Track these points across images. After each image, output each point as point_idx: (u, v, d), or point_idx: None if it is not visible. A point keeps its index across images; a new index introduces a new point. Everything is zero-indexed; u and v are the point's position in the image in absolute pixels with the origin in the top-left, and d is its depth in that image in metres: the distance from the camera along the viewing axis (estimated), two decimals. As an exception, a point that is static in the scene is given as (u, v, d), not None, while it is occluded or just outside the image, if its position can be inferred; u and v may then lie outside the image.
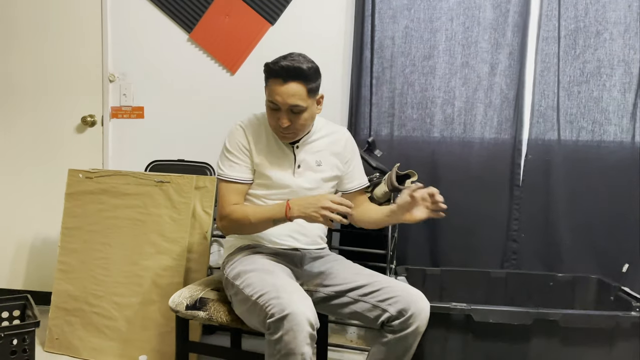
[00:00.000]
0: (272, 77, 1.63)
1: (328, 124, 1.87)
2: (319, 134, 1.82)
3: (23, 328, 2.02)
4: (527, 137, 2.44)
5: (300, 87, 1.61)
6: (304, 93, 1.62)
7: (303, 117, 1.66)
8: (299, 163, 1.76)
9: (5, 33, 2.92)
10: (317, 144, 1.80)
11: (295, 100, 1.61)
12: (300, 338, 1.36)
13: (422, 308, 1.56)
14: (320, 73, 1.68)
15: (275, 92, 1.62)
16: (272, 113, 1.67)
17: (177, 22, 2.76)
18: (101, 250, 2.39)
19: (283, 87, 1.60)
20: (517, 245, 2.46)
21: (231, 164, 1.75)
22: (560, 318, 1.79)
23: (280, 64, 1.59)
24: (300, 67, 1.59)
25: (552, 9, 2.36)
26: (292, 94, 1.60)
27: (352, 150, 1.89)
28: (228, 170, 1.75)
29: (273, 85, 1.62)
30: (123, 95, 2.85)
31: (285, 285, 1.48)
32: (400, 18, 2.48)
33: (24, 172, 2.97)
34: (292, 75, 1.59)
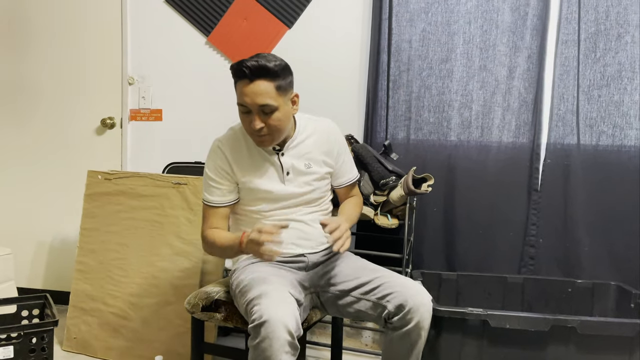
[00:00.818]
0: (239, 79, 1.57)
1: (311, 121, 1.79)
2: (304, 135, 1.75)
3: (42, 327, 2.05)
4: (546, 141, 2.40)
5: (268, 85, 1.54)
6: (272, 91, 1.55)
7: (276, 117, 1.58)
8: (287, 170, 1.71)
9: (27, 36, 2.97)
10: (303, 146, 1.74)
11: (264, 100, 1.55)
12: (277, 346, 1.34)
13: (420, 302, 1.54)
14: (290, 70, 1.61)
15: (243, 94, 1.56)
16: (244, 117, 1.61)
17: (196, 25, 2.78)
18: (119, 251, 2.41)
19: (250, 87, 1.54)
20: (534, 250, 2.43)
21: (211, 189, 1.72)
22: (578, 325, 1.76)
23: (245, 63, 1.53)
24: (265, 65, 1.52)
25: (572, 12, 2.33)
26: (260, 93, 1.54)
27: (339, 142, 1.82)
28: (208, 194, 1.72)
29: (240, 86, 1.57)
30: (142, 98, 2.88)
31: (269, 292, 1.46)
32: (417, 21, 2.47)
33: (44, 173, 3.01)
34: (258, 73, 1.53)
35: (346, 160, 1.86)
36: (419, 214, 2.50)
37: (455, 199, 2.48)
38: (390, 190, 2.24)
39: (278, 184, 1.71)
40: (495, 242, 2.45)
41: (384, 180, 2.27)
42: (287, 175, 1.71)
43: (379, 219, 2.25)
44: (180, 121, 2.85)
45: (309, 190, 1.74)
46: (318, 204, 1.80)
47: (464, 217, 2.48)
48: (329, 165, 1.79)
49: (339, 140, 1.83)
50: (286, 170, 1.71)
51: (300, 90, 2.84)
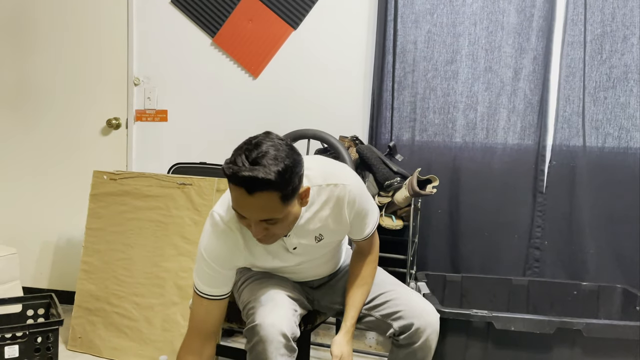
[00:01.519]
0: (233, 185, 1.21)
1: (323, 189, 1.39)
2: (312, 210, 1.40)
3: (47, 326, 2.05)
4: (552, 143, 2.40)
5: (271, 198, 1.20)
6: (277, 203, 1.22)
7: (282, 226, 1.29)
8: (294, 246, 1.45)
9: (33, 37, 2.99)
10: (311, 223, 1.42)
11: (267, 215, 1.24)
12: (271, 349, 1.32)
13: (427, 322, 1.46)
14: (299, 167, 1.24)
15: (239, 204, 1.24)
16: (241, 220, 1.29)
17: (201, 26, 2.79)
18: (123, 251, 2.42)
19: (248, 200, 1.20)
20: (539, 252, 2.42)
21: (208, 279, 1.41)
22: (583, 327, 1.76)
23: (240, 173, 1.17)
24: (265, 178, 1.16)
25: (577, 14, 2.33)
26: (261, 208, 1.22)
27: (358, 212, 1.45)
28: (203, 285, 1.42)
29: (236, 193, 1.21)
30: (147, 99, 2.89)
31: (265, 296, 1.44)
32: (422, 22, 2.47)
33: (50, 173, 3.02)
34: (257, 187, 1.18)
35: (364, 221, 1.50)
36: (424, 215, 2.49)
37: (460, 200, 2.47)
38: (395, 191, 2.24)
39: (285, 258, 1.49)
40: (500, 244, 2.45)
41: (388, 182, 2.27)
42: (294, 250, 1.46)
43: (384, 220, 2.25)
44: (186, 122, 2.86)
45: (320, 255, 1.54)
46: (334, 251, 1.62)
47: (469, 218, 2.47)
48: (343, 232, 1.50)
49: (355, 206, 1.43)
50: (293, 246, 1.45)
51: (306, 91, 2.85)
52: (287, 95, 2.70)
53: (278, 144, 1.22)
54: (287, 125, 2.56)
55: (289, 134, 2.43)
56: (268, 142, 1.22)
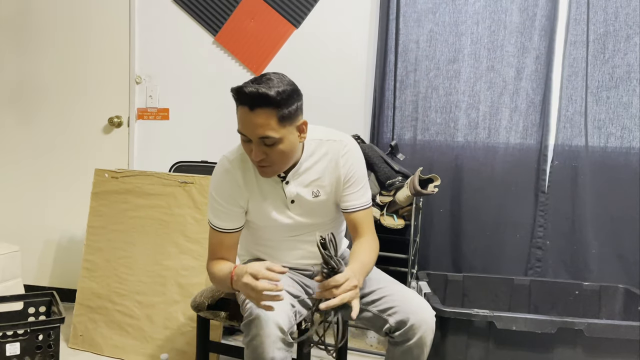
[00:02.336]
0: (239, 104, 1.41)
1: (322, 143, 1.57)
2: (311, 160, 1.55)
3: (48, 324, 2.05)
4: (554, 143, 2.40)
5: (269, 115, 1.37)
6: (274, 122, 1.37)
7: (279, 150, 1.42)
8: (292, 198, 1.56)
9: (35, 36, 2.99)
10: (310, 173, 1.55)
11: (264, 131, 1.38)
12: (268, 342, 1.34)
13: (422, 319, 1.46)
14: (297, 95, 1.42)
15: (242, 122, 1.41)
16: (245, 145, 1.46)
17: (203, 25, 2.79)
18: (125, 249, 2.42)
19: (249, 117, 1.38)
20: (541, 252, 2.42)
21: (219, 212, 1.57)
22: (585, 327, 1.75)
23: (246, 89, 1.36)
24: (266, 93, 1.34)
25: (580, 13, 2.32)
26: (260, 125, 1.37)
27: (352, 167, 1.56)
28: (215, 218, 1.58)
29: (240, 113, 1.41)
30: (149, 97, 2.89)
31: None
32: (425, 22, 2.47)
33: (52, 171, 3.03)
34: (259, 102, 1.35)
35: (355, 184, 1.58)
36: (425, 214, 2.49)
37: (461, 200, 2.47)
38: (397, 190, 2.24)
39: (282, 213, 1.58)
40: (502, 243, 2.45)
41: (390, 181, 2.27)
42: (291, 204, 1.57)
43: (385, 219, 2.24)
44: (187, 120, 2.86)
45: (317, 220, 1.61)
46: (325, 225, 1.66)
47: (471, 218, 2.47)
48: (337, 193, 1.59)
49: (350, 160, 1.56)
50: (290, 199, 1.56)
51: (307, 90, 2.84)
52: (289, 94, 2.69)
53: (282, 76, 1.42)
54: (288, 124, 2.55)
55: (290, 132, 2.42)
56: (273, 74, 1.42)
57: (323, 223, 1.63)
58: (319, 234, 1.33)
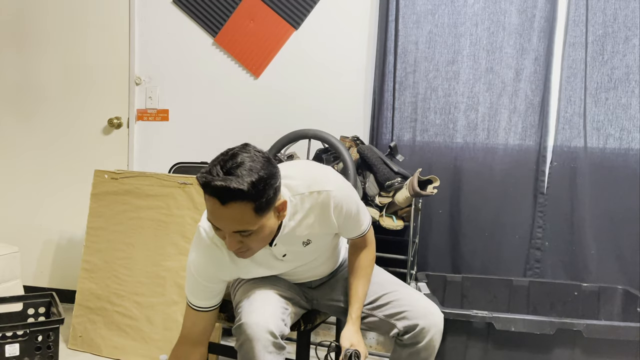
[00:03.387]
0: (207, 195, 1.22)
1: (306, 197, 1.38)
2: (296, 219, 1.39)
3: (48, 325, 2.05)
4: (553, 144, 2.40)
5: (243, 209, 1.20)
6: (249, 215, 1.21)
7: (256, 239, 1.28)
8: (283, 253, 1.45)
9: (35, 36, 2.99)
10: (297, 230, 1.40)
11: (239, 226, 1.23)
12: (259, 347, 1.33)
13: (432, 323, 1.46)
14: (274, 178, 1.23)
15: (212, 214, 1.23)
16: (217, 232, 1.29)
17: (203, 26, 2.79)
18: (124, 250, 2.42)
19: (220, 211, 1.20)
20: (540, 253, 2.42)
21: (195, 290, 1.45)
22: (584, 328, 1.76)
23: (213, 182, 1.17)
24: (238, 188, 1.16)
25: (579, 15, 2.33)
26: (233, 219, 1.21)
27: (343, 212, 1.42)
28: (191, 296, 1.47)
29: (209, 204, 1.22)
30: (149, 98, 2.89)
31: (255, 295, 1.46)
32: (424, 23, 2.47)
33: (51, 172, 3.03)
34: (230, 197, 1.18)
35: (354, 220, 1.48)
36: (424, 215, 2.49)
37: (460, 201, 2.47)
38: (396, 191, 2.24)
39: (276, 267, 1.50)
40: (501, 244, 2.45)
41: (389, 182, 2.27)
42: (283, 257, 1.46)
43: (384, 220, 2.25)
44: (187, 121, 2.86)
45: (314, 258, 1.53)
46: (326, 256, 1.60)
47: (470, 219, 2.47)
48: (331, 234, 1.50)
49: (343, 210, 1.41)
50: (282, 254, 1.45)
51: (307, 91, 2.86)
52: (288, 95, 2.70)
53: (254, 155, 1.22)
54: (288, 125, 2.56)
55: (289, 133, 2.43)
56: (244, 154, 1.21)
57: (322, 254, 1.56)
58: (345, 354, 1.40)
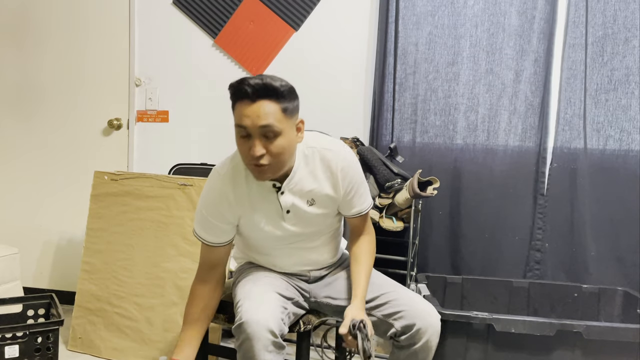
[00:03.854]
0: (239, 99, 1.37)
1: (316, 151, 1.50)
2: (306, 170, 1.50)
3: (47, 326, 2.05)
4: (553, 145, 2.40)
5: (272, 105, 1.34)
6: (277, 112, 1.34)
7: (279, 144, 1.36)
8: (287, 209, 1.51)
9: (35, 37, 3.00)
10: (305, 182, 1.50)
11: (267, 120, 1.33)
12: (259, 346, 1.34)
13: (429, 323, 1.46)
14: (296, 95, 1.40)
15: (243, 115, 1.35)
16: (243, 142, 1.39)
17: (203, 27, 2.79)
18: (124, 251, 2.42)
19: (251, 108, 1.34)
20: (540, 254, 2.42)
21: (206, 226, 1.54)
22: (584, 330, 1.75)
23: (247, 81, 1.34)
24: (271, 84, 1.33)
25: (579, 16, 2.33)
26: (263, 114, 1.33)
27: (349, 175, 1.51)
28: (202, 231, 1.56)
29: (240, 107, 1.36)
30: (149, 99, 2.89)
31: (254, 294, 1.47)
32: (424, 24, 2.47)
33: (51, 173, 3.03)
34: (263, 93, 1.33)
35: (357, 193, 1.56)
36: (424, 217, 2.49)
37: (460, 202, 2.47)
38: (396, 193, 2.24)
39: (277, 225, 1.54)
40: (501, 246, 2.45)
41: (389, 183, 2.27)
42: (287, 214, 1.52)
43: (384, 221, 2.25)
44: (187, 123, 2.86)
45: (312, 229, 1.58)
46: (325, 233, 1.65)
47: (470, 220, 2.47)
48: (334, 201, 1.55)
49: (349, 172, 1.52)
50: (285, 209, 1.51)
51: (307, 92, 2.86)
52: (289, 97, 2.70)
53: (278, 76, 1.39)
54: (288, 127, 2.56)
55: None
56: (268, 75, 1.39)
57: (319, 231, 1.60)
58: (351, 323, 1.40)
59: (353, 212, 1.59)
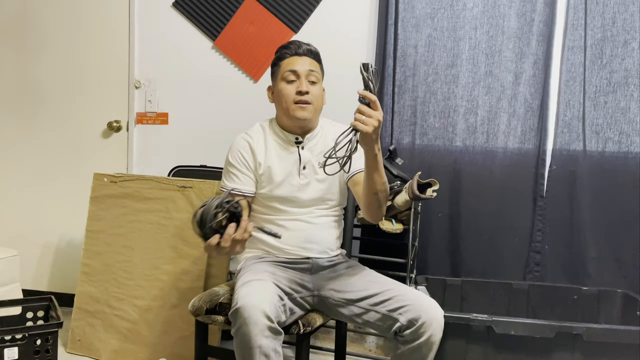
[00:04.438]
0: (287, 57, 1.77)
1: (329, 124, 1.88)
2: (322, 133, 1.84)
3: (46, 329, 2.05)
4: (552, 148, 2.40)
5: (314, 63, 1.79)
6: (317, 67, 1.79)
7: (318, 89, 1.77)
8: (304, 164, 1.78)
9: (35, 39, 3.00)
10: (321, 143, 1.81)
11: (313, 67, 1.76)
12: (255, 331, 1.37)
13: (433, 317, 1.50)
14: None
15: (294, 63, 1.75)
16: (289, 87, 1.74)
17: (202, 30, 2.80)
18: (124, 253, 2.42)
19: (301, 59, 1.76)
20: (540, 256, 2.42)
21: (230, 175, 1.79)
22: (584, 332, 1.75)
23: (297, 42, 1.78)
24: (315, 49, 1.81)
25: (578, 18, 2.33)
26: (309, 63, 1.76)
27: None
28: (226, 180, 1.80)
29: (290, 60, 1.76)
30: (148, 102, 2.89)
31: (252, 282, 1.52)
32: (423, 27, 2.48)
33: (51, 175, 3.03)
34: (307, 52, 1.78)
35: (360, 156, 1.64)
36: (424, 219, 2.49)
37: (460, 204, 2.47)
38: (395, 195, 2.24)
39: (293, 179, 1.76)
40: (501, 248, 2.45)
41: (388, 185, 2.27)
42: (303, 170, 1.77)
43: (384, 223, 2.25)
44: (186, 125, 2.87)
45: (321, 188, 1.78)
46: (329, 206, 1.82)
47: (469, 222, 2.47)
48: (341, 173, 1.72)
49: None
50: (303, 164, 1.77)
51: (306, 94, 2.79)
52: (288, 99, 2.70)
53: None
54: (287, 129, 2.56)
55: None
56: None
57: (329, 200, 1.80)
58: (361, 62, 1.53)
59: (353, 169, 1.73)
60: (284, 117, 1.78)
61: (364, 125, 1.43)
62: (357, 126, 1.43)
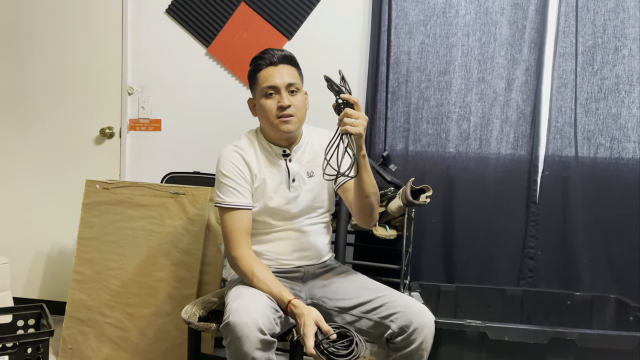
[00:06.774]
0: (263, 68, 1.69)
1: (315, 131, 1.84)
2: (307, 143, 1.79)
3: (37, 337, 2.03)
4: (544, 154, 2.41)
5: (291, 69, 1.71)
6: (295, 74, 1.71)
7: (300, 99, 1.70)
8: (293, 177, 1.73)
9: (26, 44, 2.99)
10: (307, 152, 1.77)
11: (292, 78, 1.68)
12: (248, 344, 1.36)
13: (424, 323, 1.51)
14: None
15: (272, 76, 1.67)
16: (269, 102, 1.68)
17: (196, 36, 2.80)
18: (116, 260, 2.40)
19: (278, 70, 1.68)
20: (533, 262, 2.42)
21: (229, 190, 1.69)
22: (577, 338, 1.76)
23: (270, 52, 1.70)
24: (289, 54, 1.72)
25: (569, 25, 2.35)
26: (287, 74, 1.68)
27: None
28: (228, 197, 1.68)
29: (266, 72, 1.68)
30: (141, 108, 2.89)
31: (244, 295, 1.52)
32: (416, 33, 2.49)
33: (43, 182, 3.01)
34: (282, 60, 1.69)
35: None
36: (417, 225, 2.49)
37: (453, 210, 2.48)
38: (389, 201, 2.24)
39: (284, 192, 1.72)
40: (494, 254, 2.45)
41: (382, 191, 2.27)
42: (292, 182, 1.73)
43: (377, 229, 2.24)
44: (179, 131, 2.86)
45: (310, 197, 1.75)
46: (319, 214, 1.81)
47: (463, 228, 2.48)
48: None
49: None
50: (292, 177, 1.73)
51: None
52: (281, 105, 2.70)
53: None
54: (281, 135, 2.56)
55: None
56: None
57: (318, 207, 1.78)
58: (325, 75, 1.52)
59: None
60: (269, 130, 1.73)
61: (355, 127, 1.44)
62: (348, 130, 1.44)
